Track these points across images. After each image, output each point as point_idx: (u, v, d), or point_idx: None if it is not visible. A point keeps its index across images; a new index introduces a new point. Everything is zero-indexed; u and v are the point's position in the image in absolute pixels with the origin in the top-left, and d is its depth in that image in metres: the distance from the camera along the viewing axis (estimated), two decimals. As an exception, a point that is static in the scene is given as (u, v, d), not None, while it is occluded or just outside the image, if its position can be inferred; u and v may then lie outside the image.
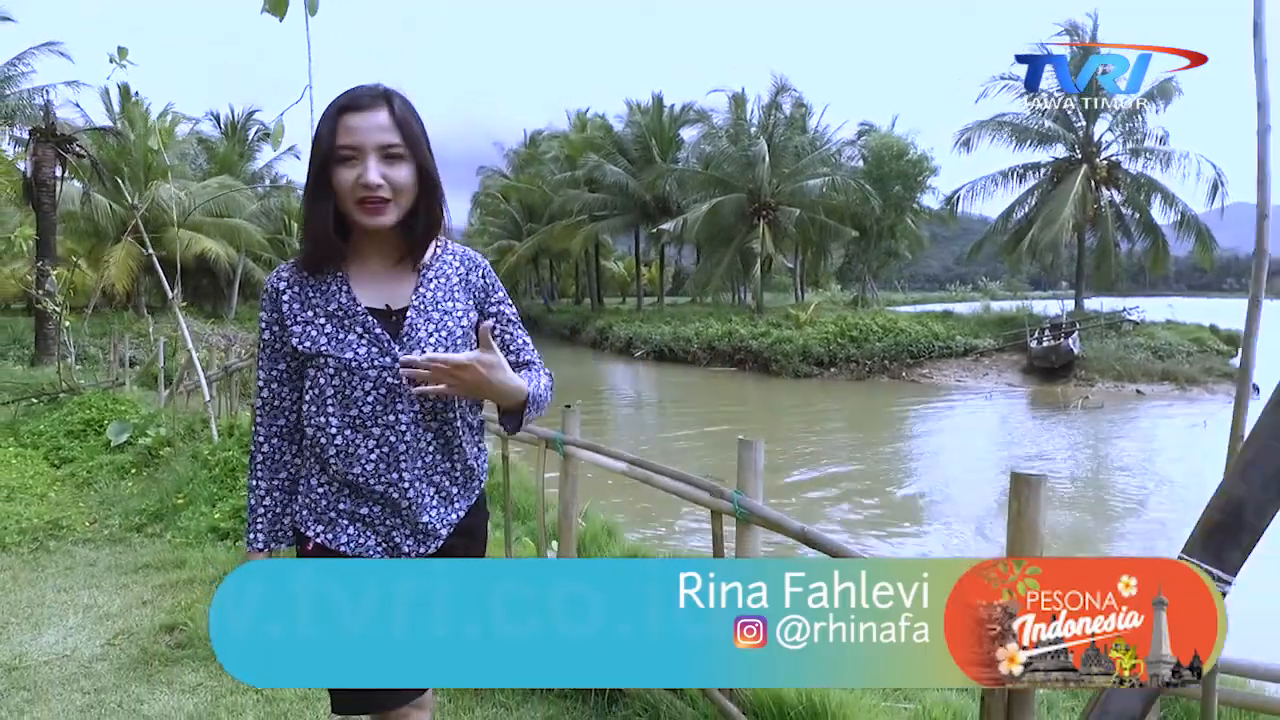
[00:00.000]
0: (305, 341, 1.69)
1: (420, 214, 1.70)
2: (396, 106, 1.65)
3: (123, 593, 4.56)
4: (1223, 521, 1.35)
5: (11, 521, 5.55)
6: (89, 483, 6.78)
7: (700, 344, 29.30)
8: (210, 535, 5.29)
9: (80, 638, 3.98)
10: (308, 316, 1.70)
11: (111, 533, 5.60)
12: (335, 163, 1.63)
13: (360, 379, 1.66)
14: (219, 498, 5.63)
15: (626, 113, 43.78)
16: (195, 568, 4.80)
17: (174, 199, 22.65)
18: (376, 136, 1.62)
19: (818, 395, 21.52)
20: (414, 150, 1.66)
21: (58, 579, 4.80)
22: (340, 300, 1.69)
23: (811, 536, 2.61)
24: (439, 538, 1.75)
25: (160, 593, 4.52)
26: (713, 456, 13.42)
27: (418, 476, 1.70)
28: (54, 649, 3.85)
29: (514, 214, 52.28)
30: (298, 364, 1.74)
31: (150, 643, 3.88)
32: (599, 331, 37.49)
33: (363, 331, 1.67)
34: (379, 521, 1.72)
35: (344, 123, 1.62)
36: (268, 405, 1.78)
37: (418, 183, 1.67)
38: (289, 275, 1.74)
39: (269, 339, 1.75)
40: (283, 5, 4.34)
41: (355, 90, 1.66)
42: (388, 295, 1.72)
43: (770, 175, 32.55)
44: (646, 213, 41.09)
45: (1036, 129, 28.04)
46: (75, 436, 7.79)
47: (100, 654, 3.81)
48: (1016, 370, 24.07)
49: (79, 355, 15.17)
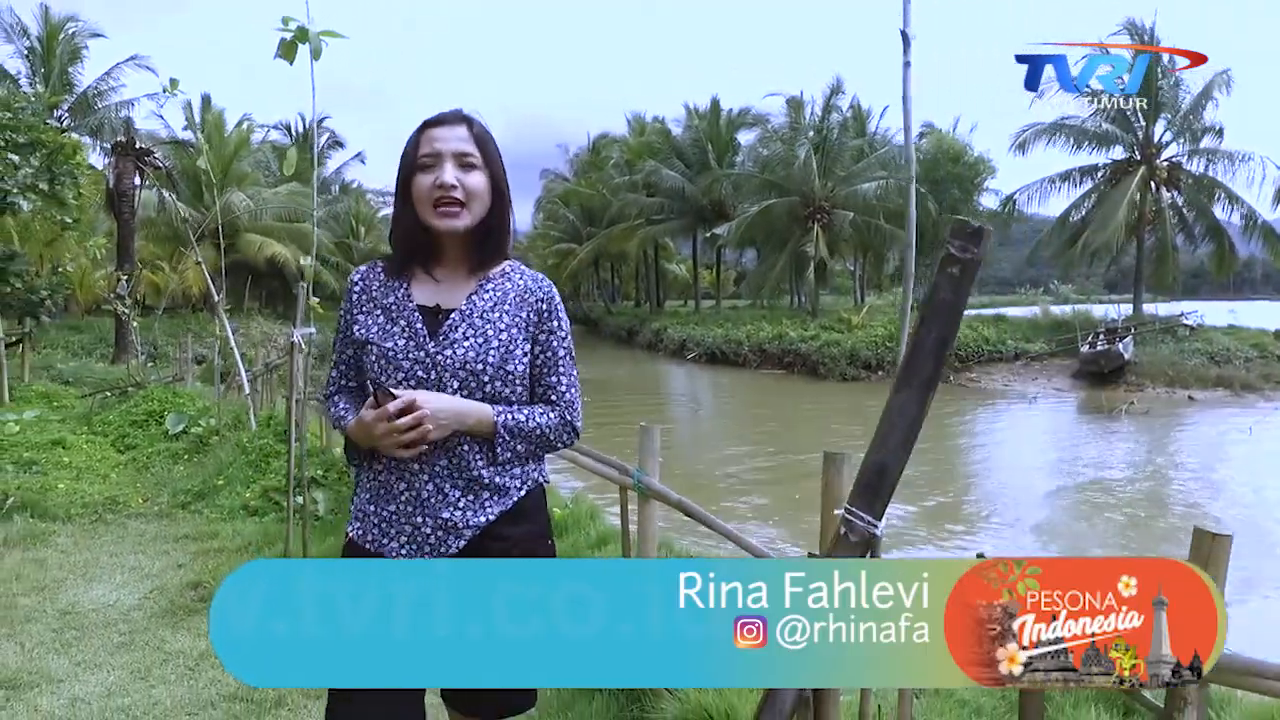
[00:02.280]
0: (362, 330, 1.83)
1: (492, 224, 1.82)
2: (475, 126, 1.81)
3: (163, 558, 5.29)
4: (871, 480, 1.82)
5: (77, 497, 6.36)
6: (147, 466, 7.62)
7: (751, 346, 29.59)
8: (242, 512, 6.01)
9: (123, 592, 4.70)
10: (368, 309, 1.84)
11: (160, 509, 6.39)
12: (417, 170, 1.77)
13: (395, 368, 1.76)
14: (252, 480, 6.36)
15: (684, 116, 44.29)
16: (226, 539, 5.51)
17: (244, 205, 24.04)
18: (454, 145, 1.76)
19: (862, 398, 21.70)
20: (489, 163, 1.80)
21: (110, 545, 5.56)
22: (396, 295, 1.82)
23: (686, 506, 3.13)
24: (462, 536, 1.75)
25: (194, 558, 5.23)
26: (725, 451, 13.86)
27: (439, 472, 1.75)
28: (100, 600, 4.57)
29: (574, 218, 53.22)
30: (356, 352, 1.87)
31: (178, 596, 4.57)
32: (654, 334, 37.99)
33: (405, 325, 1.78)
34: (404, 519, 1.76)
35: (426, 135, 1.78)
36: (333, 383, 1.94)
37: (490, 191, 1.80)
38: (365, 272, 1.90)
39: (342, 327, 1.90)
40: (293, 52, 5.04)
41: (440, 112, 1.84)
42: (443, 297, 1.82)
43: (823, 178, 32.69)
44: (702, 217, 41.51)
45: (1093, 130, 27.63)
46: (139, 426, 8.67)
47: (137, 604, 4.51)
48: (1066, 375, 23.85)
49: (153, 353, 16.33)
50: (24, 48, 26.97)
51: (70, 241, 16.17)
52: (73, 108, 26.87)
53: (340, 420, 1.86)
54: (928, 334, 1.67)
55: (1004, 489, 11.57)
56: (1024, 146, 29.12)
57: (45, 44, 26.96)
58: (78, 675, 3.64)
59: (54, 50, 26.77)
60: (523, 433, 1.77)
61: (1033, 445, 15.71)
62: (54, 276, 14.43)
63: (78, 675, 3.64)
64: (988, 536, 9.02)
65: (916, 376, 1.69)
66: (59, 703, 3.37)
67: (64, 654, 3.86)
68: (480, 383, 1.75)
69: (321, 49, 4.83)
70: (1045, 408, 20.16)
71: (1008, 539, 8.84)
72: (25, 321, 13.03)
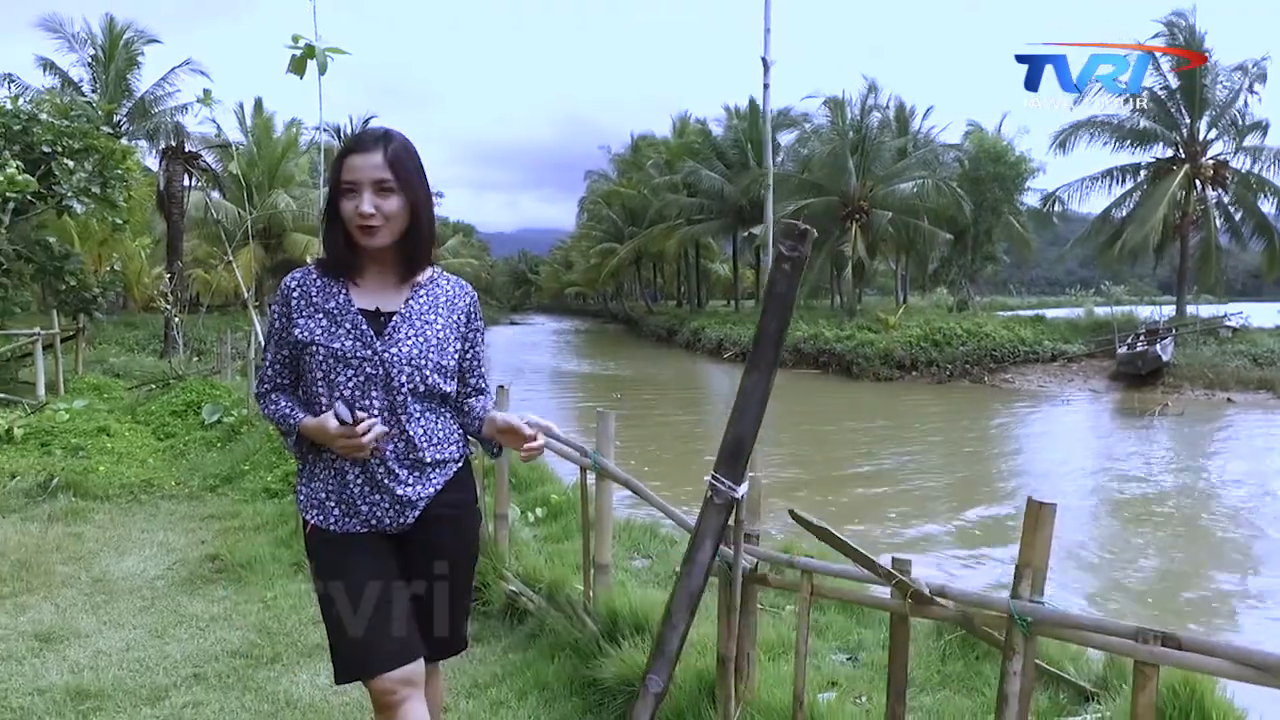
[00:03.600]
0: (304, 333, 1.98)
1: (412, 238, 2.00)
2: (391, 149, 1.94)
3: (188, 535, 5.75)
4: (732, 451, 2.12)
5: (116, 479, 6.87)
6: (183, 453, 8.14)
7: (786, 346, 29.60)
8: (263, 495, 6.46)
9: (150, 563, 5.14)
10: (309, 312, 2.00)
11: (190, 491, 6.87)
12: (341, 195, 1.95)
13: (344, 366, 1.95)
14: (275, 465, 6.81)
15: (724, 116, 44.42)
16: (246, 518, 5.95)
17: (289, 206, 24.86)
18: (371, 174, 1.92)
19: (890, 396, 21.75)
20: (403, 186, 1.95)
21: (143, 523, 6.04)
22: (338, 300, 1.99)
23: (631, 484, 3.45)
24: (416, 507, 2.02)
25: (216, 535, 5.68)
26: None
27: (389, 457, 1.98)
28: (129, 570, 5.02)
29: (616, 218, 53.66)
30: (296, 352, 2.02)
31: (197, 568, 5.00)
32: (692, 333, 38.25)
33: (350, 327, 1.97)
34: (361, 499, 2.00)
35: (347, 163, 1.95)
36: (268, 380, 2.10)
37: (407, 212, 1.96)
38: (300, 277, 2.05)
39: (278, 329, 2.05)
40: (302, 67, 5.46)
41: (359, 134, 2.03)
42: (380, 301, 2.02)
43: (861, 178, 32.64)
44: (741, 217, 41.64)
45: (1133, 128, 27.23)
46: (177, 415, 9.22)
47: (160, 574, 4.95)
48: (1103, 376, 23.60)
49: (199, 348, 17.04)
50: (88, 56, 28.12)
51: (125, 241, 16.97)
52: (130, 113, 27.94)
53: (287, 418, 2.03)
54: (769, 324, 1.96)
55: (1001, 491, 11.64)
56: (1065, 144, 28.77)
57: (107, 51, 28.05)
58: (102, 632, 4.06)
59: (114, 57, 27.85)
60: None
61: (1053, 445, 15.68)
62: (107, 275, 15.19)
63: (102, 632, 4.06)
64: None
65: (763, 360, 1.98)
66: (84, 654, 3.79)
67: (93, 614, 4.29)
68: (423, 375, 2.00)
69: (327, 64, 5.24)
70: (1077, 409, 20.03)
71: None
72: (79, 317, 13.74)
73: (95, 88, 27.69)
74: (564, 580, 3.99)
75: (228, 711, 3.25)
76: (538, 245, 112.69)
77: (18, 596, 4.49)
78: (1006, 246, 36.83)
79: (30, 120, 11.70)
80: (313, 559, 2.09)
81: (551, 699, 3.31)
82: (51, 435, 8.13)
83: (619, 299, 68.28)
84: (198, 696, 3.37)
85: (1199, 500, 10.85)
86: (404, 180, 1.95)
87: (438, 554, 2.11)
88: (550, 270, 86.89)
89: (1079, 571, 7.82)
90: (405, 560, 2.08)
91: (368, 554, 2.03)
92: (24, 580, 4.73)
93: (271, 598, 4.45)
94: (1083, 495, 11.03)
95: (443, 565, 2.12)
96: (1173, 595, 7.37)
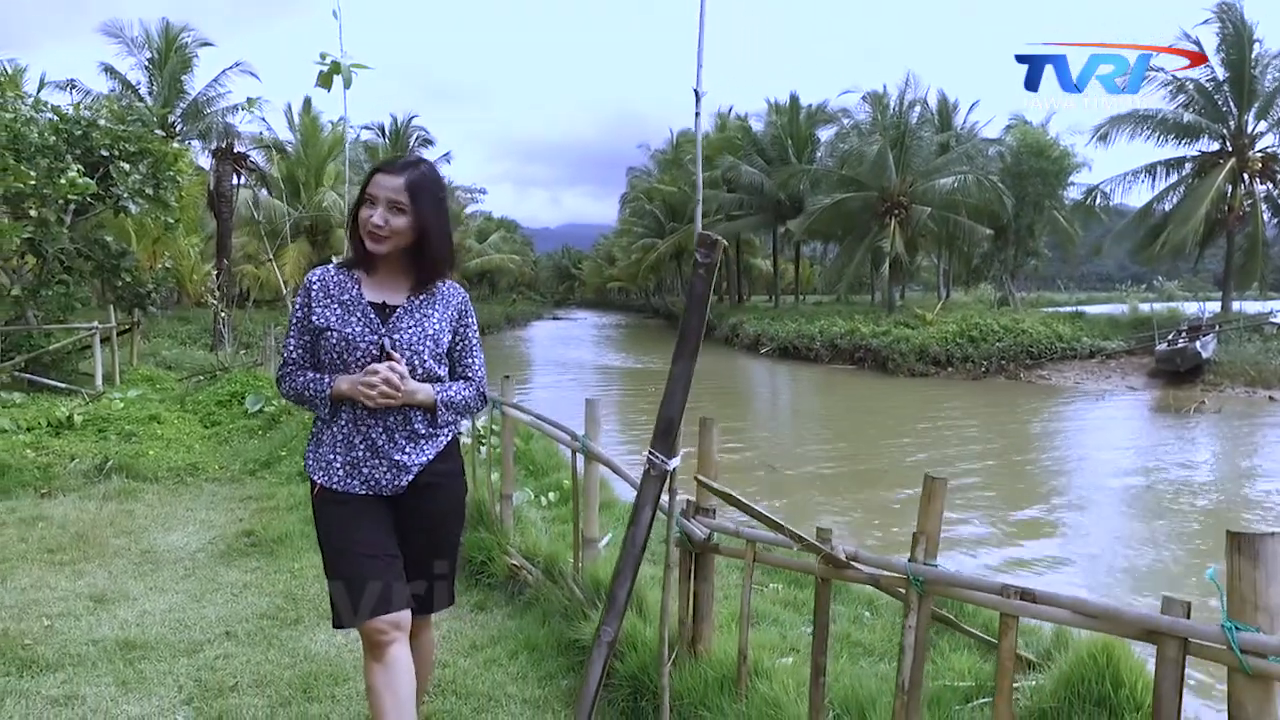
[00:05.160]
0: (321, 319, 2.32)
1: (419, 255, 2.34)
2: (413, 176, 2.29)
3: (228, 513, 6.23)
4: (664, 430, 2.45)
5: (164, 463, 7.41)
6: (227, 440, 8.68)
7: (823, 341, 29.77)
8: (297, 478, 6.92)
9: (192, 538, 5.62)
10: (326, 303, 2.34)
11: (232, 474, 7.39)
12: (364, 203, 2.31)
13: (353, 348, 2.30)
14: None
15: (765, 112, 44.50)
16: (280, 499, 6.42)
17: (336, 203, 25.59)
18: (389, 193, 2.27)
19: (923, 392, 21.81)
20: (415, 209, 2.28)
21: (188, 502, 6.54)
22: (351, 293, 2.35)
23: (612, 464, 3.80)
24: (410, 472, 2.35)
25: (252, 514, 6.15)
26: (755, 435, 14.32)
27: (390, 427, 2.32)
28: (173, 543, 5.50)
29: (657, 213, 54.00)
30: (314, 337, 2.35)
31: (234, 542, 5.47)
32: (731, 329, 38.43)
33: (360, 315, 2.32)
34: (363, 463, 2.33)
35: (375, 179, 2.31)
36: (290, 360, 2.42)
37: (412, 231, 2.30)
38: (321, 274, 2.41)
39: (300, 317, 2.39)
40: (329, 81, 5.90)
41: (394, 158, 2.37)
42: (387, 296, 2.37)
43: (901, 173, 32.54)
44: (780, 213, 41.72)
45: (1175, 121, 26.83)
46: (223, 405, 9.79)
47: (200, 548, 5.42)
48: (1142, 373, 23.38)
49: (246, 341, 17.75)
50: (145, 59, 29.21)
51: (177, 239, 17.73)
52: (184, 114, 28.97)
53: (317, 380, 2.35)
54: (690, 318, 2.30)
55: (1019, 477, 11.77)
56: (1106, 138, 28.46)
57: (162, 54, 29.10)
58: (149, 596, 4.52)
59: (169, 60, 28.88)
60: (452, 404, 2.40)
61: (1082, 440, 15.69)
62: (160, 272, 15.92)
63: (149, 596, 4.52)
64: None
65: (686, 349, 2.32)
66: (132, 614, 4.24)
67: (140, 581, 4.76)
68: (421, 359, 2.33)
69: (352, 78, 5.66)
70: (1111, 406, 19.90)
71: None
72: (134, 312, 14.46)
73: (151, 90, 28.77)
74: (559, 555, 4.36)
75: (254, 663, 3.67)
76: (581, 241, 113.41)
77: (76, 564, 4.98)
78: (1049, 242, 36.36)
79: (90, 126, 12.38)
80: (317, 515, 2.41)
81: (539, 658, 3.68)
82: (107, 422, 8.72)
83: (660, 294, 68.66)
84: (228, 650, 3.80)
85: (1225, 494, 10.89)
86: (417, 205, 2.29)
87: (428, 516, 2.44)
88: (593, 265, 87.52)
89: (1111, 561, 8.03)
90: (399, 521, 2.41)
91: (366, 514, 2.35)
92: (82, 550, 5.23)
93: (298, 569, 4.89)
94: (1107, 488, 11.15)
95: (431, 526, 2.45)
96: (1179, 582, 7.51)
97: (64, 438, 8.17)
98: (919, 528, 2.39)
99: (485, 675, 3.55)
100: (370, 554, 2.32)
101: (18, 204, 11.33)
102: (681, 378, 2.35)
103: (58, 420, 8.57)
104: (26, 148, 11.24)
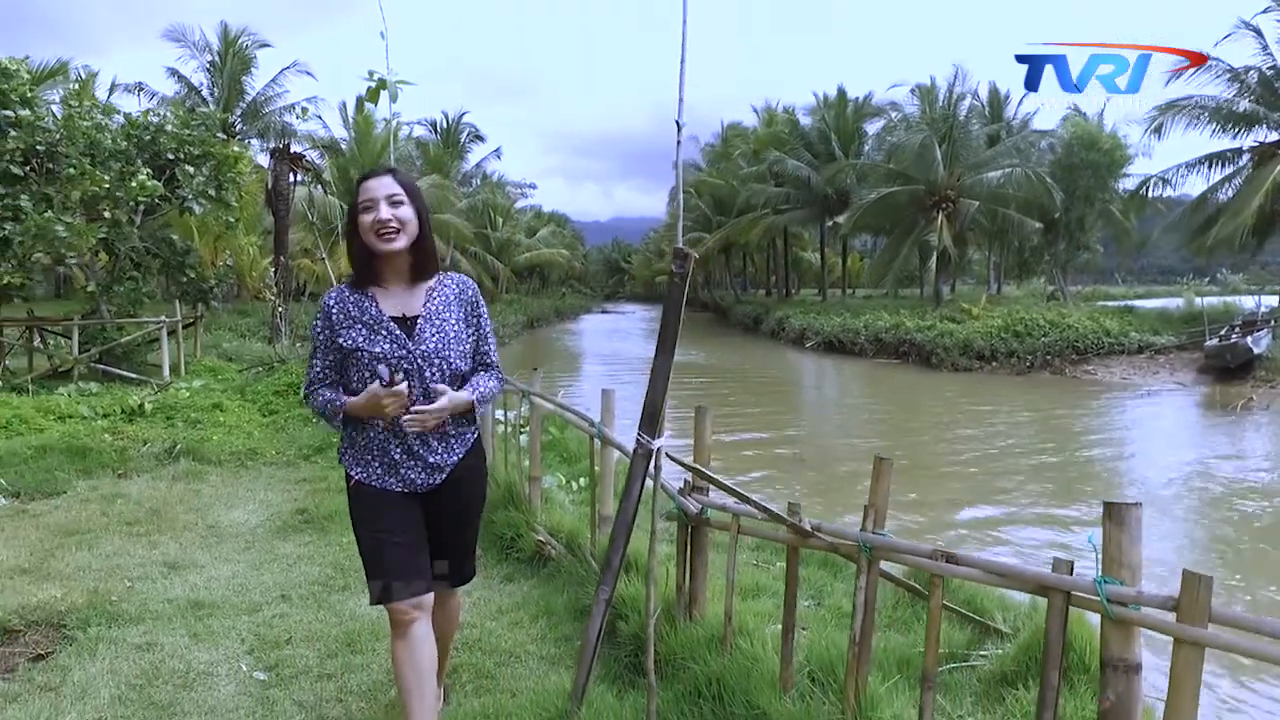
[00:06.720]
0: (349, 341, 2.44)
1: (422, 245, 2.47)
2: (398, 174, 2.47)
3: (284, 494, 6.78)
4: (649, 415, 2.84)
5: (226, 448, 8.01)
6: (283, 427, 9.28)
7: (867, 336, 29.80)
8: (348, 462, 7.45)
9: (252, 515, 6.17)
10: (348, 324, 2.47)
11: (288, 459, 7.96)
12: (360, 212, 2.40)
13: (384, 364, 2.43)
14: (359, 438, 7.81)
15: (812, 104, 44.36)
16: (331, 481, 6.95)
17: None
18: (384, 191, 2.41)
19: (966, 386, 21.82)
20: (413, 198, 2.43)
21: (248, 483, 7.11)
22: (372, 313, 2.47)
23: (622, 448, 4.19)
24: (444, 471, 2.56)
25: (306, 494, 6.69)
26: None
27: (422, 432, 2.50)
28: (236, 520, 6.04)
29: (704, 207, 54.18)
30: (340, 357, 2.50)
31: (289, 519, 5.99)
32: (777, 323, 38.55)
33: (386, 333, 2.45)
34: (401, 464, 2.51)
35: (363, 187, 2.43)
36: (317, 380, 2.56)
37: (417, 219, 2.44)
38: (336, 296, 2.53)
39: (323, 340, 2.53)
40: (376, 97, 6.38)
41: (371, 169, 2.52)
42: (404, 307, 2.49)
43: (949, 166, 32.34)
44: (828, 207, 41.66)
45: (1229, 110, 26.23)
46: (280, 395, 10.41)
47: (259, 524, 5.96)
48: (1191, 369, 23.07)
49: (302, 334, 18.49)
50: (206, 62, 30.32)
51: (237, 237, 18.54)
52: (244, 113, 30.02)
53: (333, 401, 2.53)
54: (668, 317, 2.69)
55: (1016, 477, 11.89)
56: (1160, 129, 27.95)
57: (223, 56, 30.17)
58: (214, 565, 5.05)
59: (229, 61, 29.95)
60: (484, 400, 2.63)
61: (1122, 436, 15.68)
62: (221, 268, 16.71)
63: (214, 565, 5.05)
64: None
65: (666, 344, 2.71)
66: (200, 580, 4.76)
67: (207, 551, 5.30)
68: (449, 363, 2.52)
69: (398, 94, 6.13)
70: (1158, 402, 19.75)
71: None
72: (198, 306, 15.26)
73: (213, 91, 29.87)
74: (579, 531, 4.78)
75: (305, 621, 4.15)
76: (631, 234, 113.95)
77: (150, 536, 5.55)
78: (1101, 235, 35.81)
79: (157, 131, 13.14)
80: (353, 505, 2.63)
81: (557, 621, 4.11)
82: (174, 410, 9.38)
83: (708, 288, 68.85)
84: (284, 611, 4.29)
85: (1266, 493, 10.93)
86: (412, 194, 2.48)
87: (457, 506, 2.68)
88: (642, 259, 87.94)
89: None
90: (428, 510, 2.62)
91: (399, 507, 2.56)
92: (155, 524, 5.80)
93: (346, 543, 5.36)
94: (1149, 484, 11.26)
95: (460, 515, 2.71)
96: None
97: (136, 424, 8.84)
98: (869, 502, 2.76)
99: (509, 635, 3.98)
100: (398, 542, 2.54)
101: (93, 206, 12.11)
102: (663, 369, 2.74)
103: (130, 408, 9.26)
104: (101, 153, 12.00)
